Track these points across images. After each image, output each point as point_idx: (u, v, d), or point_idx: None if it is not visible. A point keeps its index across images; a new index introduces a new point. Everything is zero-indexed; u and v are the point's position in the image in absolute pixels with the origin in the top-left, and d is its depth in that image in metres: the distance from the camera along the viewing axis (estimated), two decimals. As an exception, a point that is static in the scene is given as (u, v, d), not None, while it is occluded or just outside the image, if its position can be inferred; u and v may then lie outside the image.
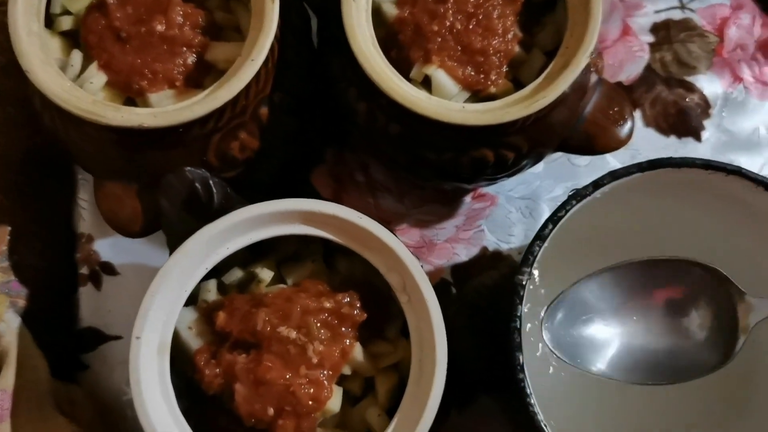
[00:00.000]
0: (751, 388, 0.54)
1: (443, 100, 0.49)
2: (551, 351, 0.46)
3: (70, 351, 0.58)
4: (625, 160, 0.63)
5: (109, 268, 0.60)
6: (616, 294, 0.47)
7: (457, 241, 0.62)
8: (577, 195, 0.45)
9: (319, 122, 0.58)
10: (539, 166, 0.63)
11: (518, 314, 0.43)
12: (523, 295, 0.44)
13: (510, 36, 0.51)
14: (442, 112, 0.47)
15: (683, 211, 0.52)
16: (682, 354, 0.47)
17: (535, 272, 0.54)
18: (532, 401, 0.42)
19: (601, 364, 0.47)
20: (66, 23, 0.51)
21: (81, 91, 0.47)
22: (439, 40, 0.50)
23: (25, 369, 0.50)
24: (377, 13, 0.52)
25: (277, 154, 0.55)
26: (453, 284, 0.62)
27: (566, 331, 0.46)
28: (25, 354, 0.51)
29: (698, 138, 0.65)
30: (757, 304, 0.45)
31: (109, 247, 0.61)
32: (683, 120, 0.65)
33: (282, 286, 0.48)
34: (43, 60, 0.47)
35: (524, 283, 0.44)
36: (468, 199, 0.63)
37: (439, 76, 0.50)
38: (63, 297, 0.59)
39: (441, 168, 0.52)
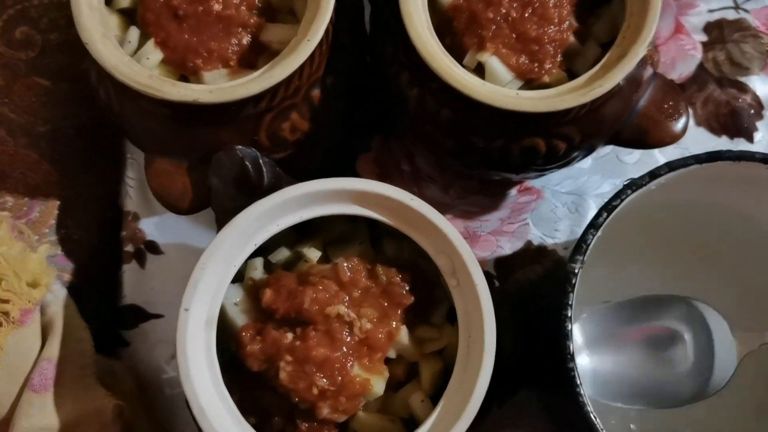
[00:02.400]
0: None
1: (497, 86, 0.49)
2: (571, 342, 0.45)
3: (112, 327, 0.59)
4: (675, 158, 0.61)
5: (153, 247, 0.61)
6: (610, 328, 0.50)
7: (501, 233, 0.62)
8: (633, 184, 0.45)
9: (367, 108, 0.58)
10: (587, 162, 0.62)
11: (569, 303, 0.43)
12: (575, 284, 0.43)
13: (565, 25, 0.51)
14: (497, 97, 0.47)
15: (738, 207, 0.51)
16: (671, 384, 0.49)
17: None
18: (582, 391, 0.42)
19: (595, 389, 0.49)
20: (125, 1, 0.51)
21: (138, 66, 0.48)
22: (494, 27, 0.50)
23: (70, 340, 0.51)
24: (432, 1, 0.51)
25: (326, 138, 0.55)
26: (496, 277, 0.61)
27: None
28: (70, 325, 0.51)
29: (750, 139, 0.64)
30: (743, 339, 0.48)
31: (154, 226, 0.61)
32: (735, 121, 0.64)
33: (328, 266, 0.48)
34: (102, 34, 0.48)
35: (576, 271, 0.43)
36: (513, 192, 0.63)
37: (493, 63, 0.50)
38: (107, 273, 0.60)
39: (489, 156, 0.52)
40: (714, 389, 0.48)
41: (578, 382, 0.42)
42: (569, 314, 0.43)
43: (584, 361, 0.50)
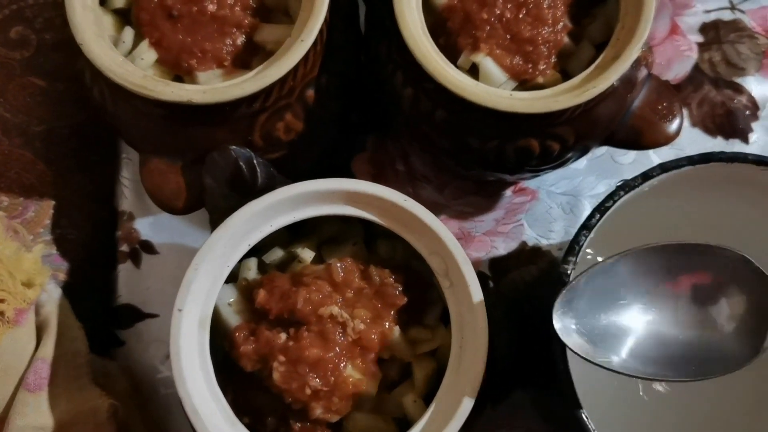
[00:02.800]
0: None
1: (491, 87, 0.49)
2: (564, 343, 0.41)
3: (107, 327, 0.59)
4: (670, 159, 0.61)
5: (148, 247, 0.61)
6: (639, 280, 0.44)
7: (496, 234, 0.62)
8: (626, 186, 0.45)
9: (361, 108, 0.58)
10: (582, 162, 0.62)
11: (562, 303, 0.43)
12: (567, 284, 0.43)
13: (560, 26, 0.51)
14: (490, 98, 0.47)
15: (730, 209, 0.51)
16: (709, 347, 0.44)
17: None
18: (575, 389, 0.42)
19: (619, 357, 0.43)
20: (119, 1, 0.51)
21: (132, 66, 0.48)
22: (488, 28, 0.50)
23: (64, 339, 0.51)
24: (426, 1, 0.51)
25: (321, 138, 0.55)
26: (490, 277, 0.61)
27: (581, 321, 0.42)
28: (64, 325, 0.51)
29: (745, 140, 0.64)
30: None
31: (149, 226, 0.61)
32: (730, 121, 0.64)
33: (322, 266, 0.48)
34: (96, 34, 0.48)
35: (569, 272, 0.43)
36: (508, 192, 0.63)
37: (487, 63, 0.50)
38: (102, 273, 0.60)
39: (484, 157, 0.52)
40: (757, 354, 0.43)
41: (571, 380, 0.42)
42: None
43: (617, 321, 0.44)
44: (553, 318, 0.41)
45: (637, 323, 0.44)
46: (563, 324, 0.41)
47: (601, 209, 0.44)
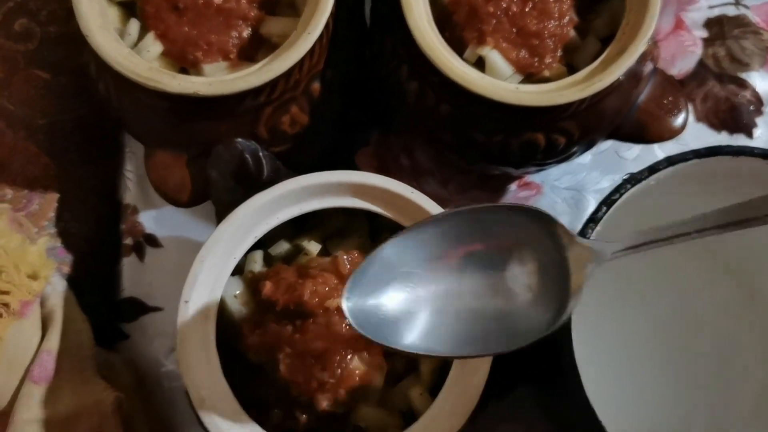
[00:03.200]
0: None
1: (497, 80, 0.49)
2: (352, 325, 0.37)
3: (112, 320, 0.59)
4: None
5: (152, 240, 0.61)
6: (428, 251, 0.39)
7: (500, 228, 0.62)
8: (632, 179, 0.45)
9: (366, 102, 0.58)
10: (586, 157, 0.62)
11: (567, 296, 0.42)
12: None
13: (566, 20, 0.51)
14: (496, 91, 0.47)
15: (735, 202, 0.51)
16: (509, 315, 0.39)
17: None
18: (585, 387, 0.42)
19: (412, 335, 0.38)
20: (125, -7, 0.52)
21: (138, 58, 0.48)
22: (494, 21, 0.50)
23: (69, 332, 0.51)
24: (432, -6, 0.51)
25: (326, 132, 0.55)
26: (494, 272, 0.61)
27: (371, 299, 0.38)
28: (69, 317, 0.51)
29: (750, 135, 0.64)
30: (595, 247, 0.39)
31: (153, 220, 0.61)
32: (735, 116, 0.64)
33: (327, 259, 0.48)
34: (102, 25, 0.48)
35: (575, 266, 0.43)
36: (513, 187, 0.63)
37: (493, 57, 0.50)
38: (106, 266, 0.60)
39: (489, 151, 0.52)
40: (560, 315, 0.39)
41: (580, 379, 0.42)
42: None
43: (407, 297, 0.39)
44: (342, 300, 0.37)
45: (424, 299, 0.40)
46: (348, 304, 0.37)
47: (607, 202, 0.44)
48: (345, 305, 0.37)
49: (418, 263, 0.40)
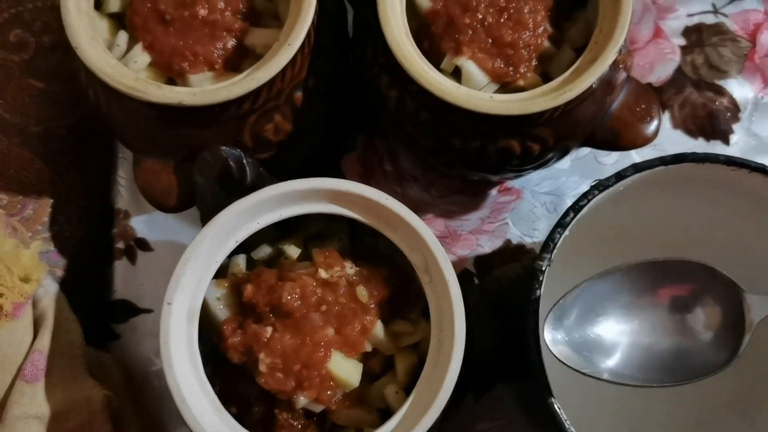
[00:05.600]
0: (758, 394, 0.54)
1: (471, 90, 0.50)
2: (552, 354, 0.44)
3: (103, 321, 0.60)
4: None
5: (143, 244, 0.63)
6: (623, 294, 0.47)
7: (481, 232, 0.64)
8: (600, 185, 0.46)
9: (349, 109, 0.60)
10: (565, 162, 0.64)
11: (536, 297, 0.44)
12: (542, 280, 0.45)
13: (540, 30, 0.52)
14: (470, 100, 0.49)
15: (705, 209, 0.52)
16: (689, 353, 0.47)
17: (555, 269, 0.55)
18: (548, 384, 0.43)
19: (606, 367, 0.46)
20: (114, 5, 0.53)
21: (125, 68, 0.49)
22: (471, 32, 0.52)
23: (60, 332, 0.52)
24: (411, 6, 0.53)
25: (309, 138, 0.56)
26: (475, 275, 0.63)
27: (569, 334, 0.46)
28: (60, 318, 0.53)
29: (726, 141, 0.65)
30: (758, 302, 0.45)
31: (144, 224, 0.63)
32: (712, 123, 0.65)
33: (308, 263, 0.49)
34: (90, 37, 0.49)
35: (543, 268, 0.45)
36: (494, 192, 0.64)
37: (469, 67, 0.51)
38: (98, 269, 0.61)
39: (467, 156, 0.53)
40: (734, 358, 0.46)
41: (544, 371, 0.44)
42: (536, 309, 0.45)
43: (603, 333, 0.47)
44: (543, 332, 0.43)
45: (620, 335, 0.47)
46: (553, 337, 0.44)
47: (575, 208, 0.46)
48: (547, 336, 0.43)
49: (615, 305, 0.47)
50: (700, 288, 0.47)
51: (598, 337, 0.46)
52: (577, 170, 0.64)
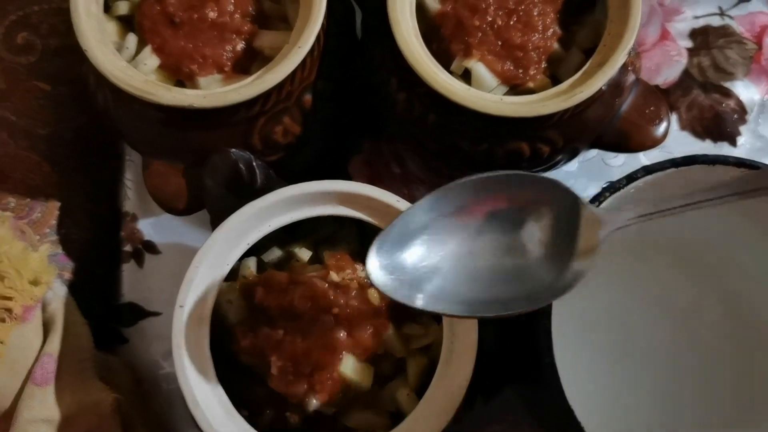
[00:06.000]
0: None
1: (481, 92, 0.50)
2: (373, 285, 0.39)
3: (111, 324, 0.60)
4: (659, 161, 0.63)
5: (151, 247, 0.62)
6: (453, 206, 0.42)
7: (489, 234, 0.63)
8: (611, 188, 0.46)
9: (357, 111, 0.60)
10: (573, 165, 0.64)
11: (548, 299, 0.44)
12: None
13: (549, 33, 0.52)
14: (480, 102, 0.49)
15: (714, 210, 0.52)
16: (517, 276, 0.42)
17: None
18: (563, 386, 0.43)
19: (426, 295, 0.40)
20: (123, 8, 0.53)
21: (134, 71, 0.49)
22: (480, 34, 0.52)
23: (69, 336, 0.52)
24: (420, 8, 0.53)
25: (318, 141, 0.56)
26: (483, 276, 0.62)
27: (391, 260, 0.40)
28: (70, 321, 0.53)
29: (733, 143, 0.65)
30: (605, 218, 0.42)
31: (152, 227, 0.63)
32: (719, 125, 0.65)
33: (318, 265, 0.49)
34: (100, 40, 0.49)
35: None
36: (501, 194, 0.64)
37: (479, 69, 0.51)
38: (106, 272, 0.61)
39: (475, 159, 0.53)
40: (578, 276, 0.41)
41: (558, 378, 0.44)
42: (549, 310, 0.44)
43: (424, 257, 0.41)
44: (367, 259, 0.39)
45: (439, 259, 0.41)
46: (373, 262, 0.40)
47: (586, 209, 0.46)
48: (369, 263, 0.39)
49: (440, 219, 0.42)
50: (533, 203, 0.42)
51: (419, 260, 0.41)
52: (585, 173, 0.64)
